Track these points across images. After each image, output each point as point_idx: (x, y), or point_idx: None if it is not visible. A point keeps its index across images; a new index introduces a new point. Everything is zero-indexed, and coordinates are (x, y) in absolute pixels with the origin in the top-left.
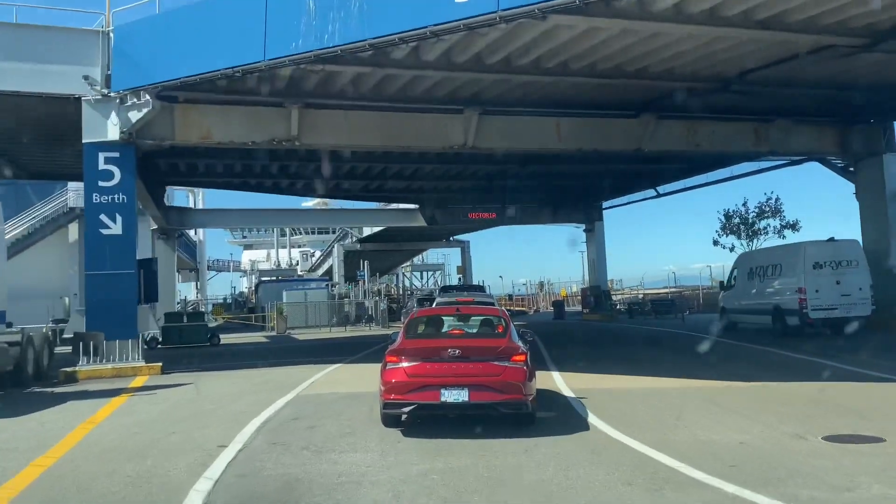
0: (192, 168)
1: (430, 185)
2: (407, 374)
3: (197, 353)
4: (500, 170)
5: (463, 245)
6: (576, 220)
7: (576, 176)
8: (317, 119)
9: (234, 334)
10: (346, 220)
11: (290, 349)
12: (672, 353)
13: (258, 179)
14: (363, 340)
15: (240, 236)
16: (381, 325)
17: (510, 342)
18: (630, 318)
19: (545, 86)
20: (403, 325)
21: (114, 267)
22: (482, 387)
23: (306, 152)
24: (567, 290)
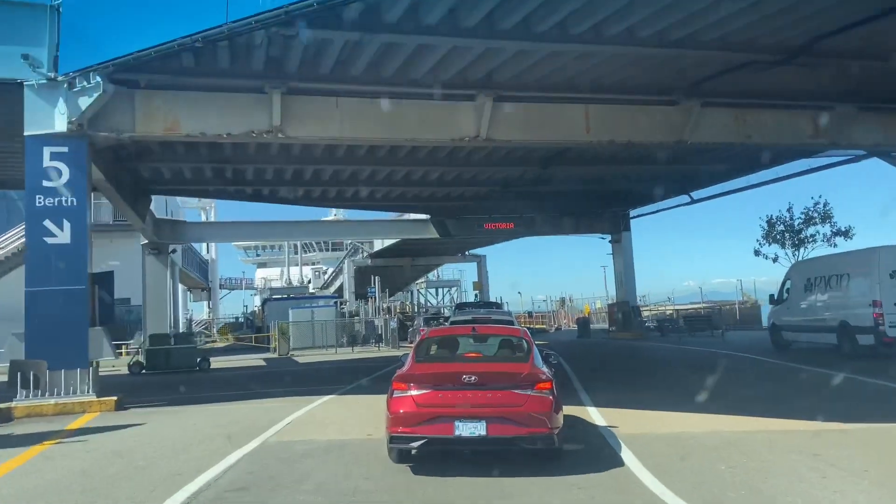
0: (178, 174)
1: (442, 193)
2: (416, 404)
3: (178, 380)
4: (517, 174)
5: (479, 259)
6: (600, 230)
7: (601, 180)
8: (303, 107)
9: (234, 356)
10: (352, 233)
11: (284, 375)
12: (726, 378)
13: (253, 187)
14: (368, 364)
15: (253, 255)
16: (390, 346)
17: (533, 367)
18: (661, 336)
19: (571, 63)
20: (413, 347)
21: (60, 282)
22: (502, 419)
23: (302, 154)
24: (590, 306)
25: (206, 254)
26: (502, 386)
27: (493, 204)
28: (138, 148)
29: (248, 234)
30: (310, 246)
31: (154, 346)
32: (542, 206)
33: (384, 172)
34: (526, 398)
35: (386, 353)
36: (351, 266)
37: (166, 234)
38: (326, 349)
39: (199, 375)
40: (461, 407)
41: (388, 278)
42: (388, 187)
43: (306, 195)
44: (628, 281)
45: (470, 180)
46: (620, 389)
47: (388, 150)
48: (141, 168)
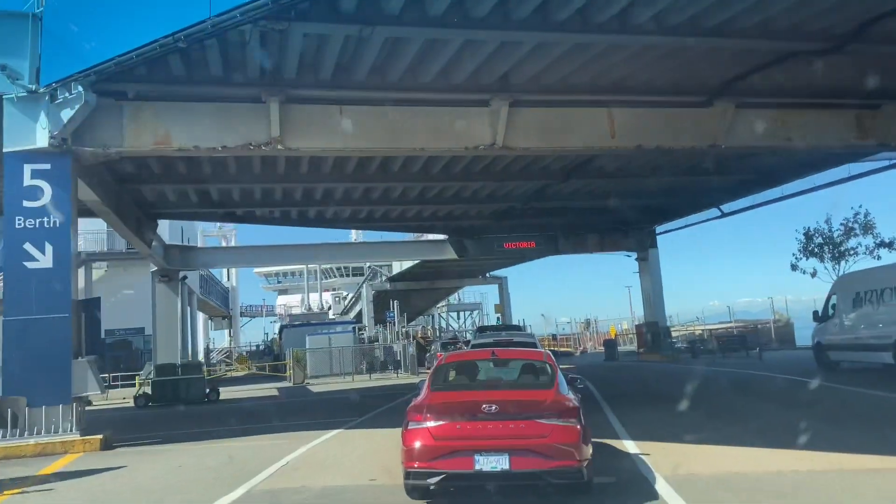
0: (183, 196)
1: (459, 211)
2: (433, 437)
3: (181, 413)
4: (537, 188)
5: (500, 281)
6: (626, 247)
7: (626, 194)
8: (303, 116)
9: (248, 385)
10: (367, 255)
11: (294, 406)
12: (774, 404)
13: (263, 209)
14: (385, 392)
15: (274, 282)
16: (409, 372)
17: (558, 394)
18: (693, 358)
19: (593, 60)
20: (429, 373)
21: (41, 310)
22: (526, 451)
23: (310, 171)
24: (616, 327)
25: (226, 281)
26: (525, 415)
27: (513, 223)
28: (137, 168)
29: (261, 259)
30: (330, 272)
31: (160, 377)
32: (564, 223)
33: (398, 190)
34: (551, 428)
35: (404, 379)
36: (369, 290)
37: (176, 260)
38: (344, 377)
39: (206, 408)
40: (481, 439)
41: (408, 303)
42: (403, 206)
43: (319, 216)
44: (657, 301)
45: (488, 197)
46: (656, 417)
47: (401, 165)
48: (144, 191)
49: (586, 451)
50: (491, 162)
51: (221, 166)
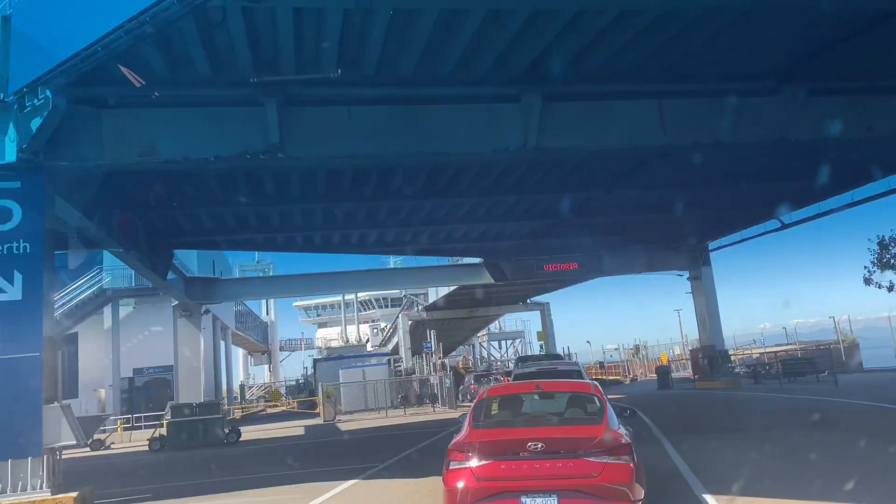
0: (197, 223)
1: (494, 231)
2: (476, 477)
3: (191, 459)
4: (578, 202)
5: (542, 307)
6: (677, 266)
7: (678, 205)
8: (306, 119)
9: (277, 423)
10: (397, 282)
11: (317, 448)
12: (880, 441)
13: (284, 234)
14: (418, 430)
15: (314, 314)
16: (447, 406)
17: (609, 429)
18: (756, 384)
19: (642, 35)
20: (471, 408)
21: (8, 348)
22: (576, 492)
23: (328, 190)
24: (667, 353)
25: (265, 316)
26: (574, 453)
27: (553, 242)
28: (142, 191)
29: (289, 289)
30: (369, 303)
31: (175, 419)
32: (609, 242)
33: (425, 209)
34: (602, 466)
35: (441, 414)
36: (405, 321)
37: (198, 293)
38: (379, 412)
39: (223, 451)
40: (527, 479)
41: (446, 332)
42: (432, 227)
43: (344, 241)
44: (713, 323)
45: (524, 213)
46: (733, 461)
47: (426, 179)
48: (153, 217)
49: (640, 491)
50: (525, 172)
51: (231, 187)
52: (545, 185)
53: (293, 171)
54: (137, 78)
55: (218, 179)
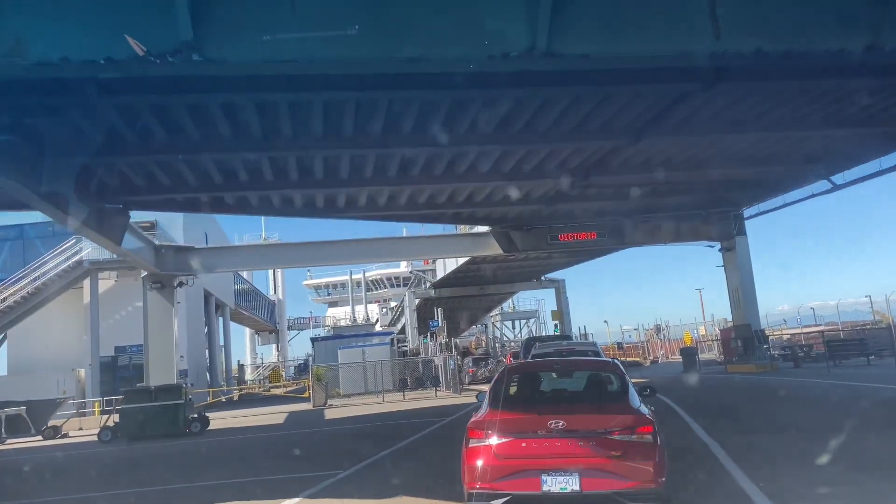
0: (151, 179)
1: (501, 193)
2: (496, 455)
3: (130, 454)
4: (599, 156)
5: (557, 285)
6: (707, 236)
7: (712, 160)
8: (231, 8)
9: (259, 409)
10: (391, 252)
11: (287, 443)
12: None
13: (256, 193)
14: (412, 418)
15: (324, 294)
16: (450, 390)
17: (631, 407)
18: (796, 368)
19: None
20: (490, 386)
21: None
22: (598, 471)
23: (296, 138)
24: (692, 333)
25: (272, 294)
26: (595, 432)
27: (569, 207)
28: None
29: (276, 259)
30: (380, 282)
31: (129, 405)
32: (631, 207)
33: (419, 161)
34: (625, 445)
35: (443, 399)
36: (412, 298)
37: (170, 263)
38: (378, 395)
39: (176, 444)
40: (549, 458)
41: (456, 311)
42: (429, 185)
43: (329, 204)
44: (748, 299)
45: (534, 170)
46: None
47: (416, 120)
48: (98, 171)
49: (663, 468)
50: (537, 112)
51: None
52: (560, 131)
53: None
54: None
55: (156, 114)
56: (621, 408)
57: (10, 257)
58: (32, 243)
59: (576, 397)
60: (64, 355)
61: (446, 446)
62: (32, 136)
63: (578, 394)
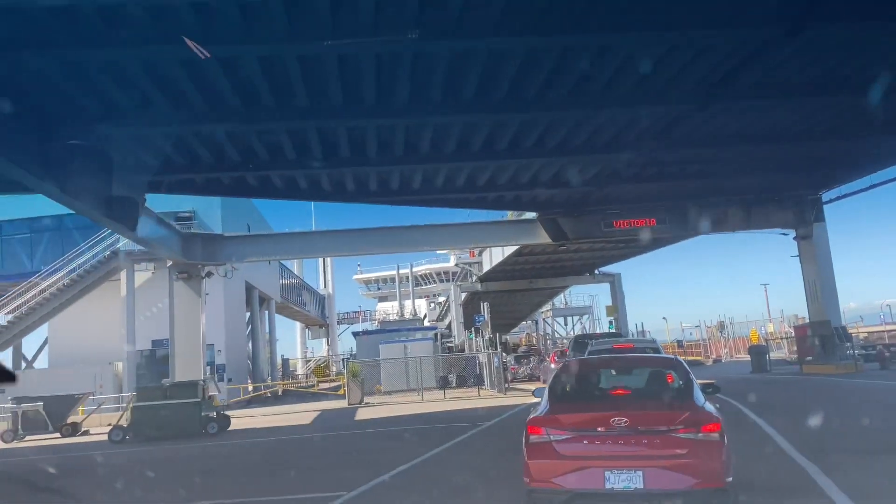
0: (164, 158)
1: (547, 173)
2: (558, 453)
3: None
4: (661, 125)
5: (612, 279)
6: (779, 223)
7: (790, 133)
8: None
9: (291, 406)
10: (433, 240)
11: (302, 450)
12: None
13: (280, 172)
14: (449, 421)
15: (374, 288)
16: (495, 389)
17: (696, 405)
18: (883, 370)
19: None
20: (548, 383)
21: None
22: (662, 470)
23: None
24: (758, 330)
25: (322, 289)
26: (659, 430)
27: (626, 189)
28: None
29: (310, 248)
30: (429, 277)
31: (141, 403)
32: (695, 189)
33: (452, 133)
34: (691, 444)
35: (486, 399)
36: (458, 293)
37: (196, 252)
38: (418, 394)
39: (188, 448)
40: (611, 455)
41: (504, 306)
42: (467, 163)
43: (360, 187)
44: (826, 292)
45: (585, 144)
46: None
47: (445, 84)
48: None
49: (729, 468)
50: (589, 71)
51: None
52: (614, 96)
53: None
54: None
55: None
56: (686, 405)
57: (50, 248)
58: (71, 234)
59: (638, 394)
60: (104, 348)
61: (475, 462)
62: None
63: (640, 391)
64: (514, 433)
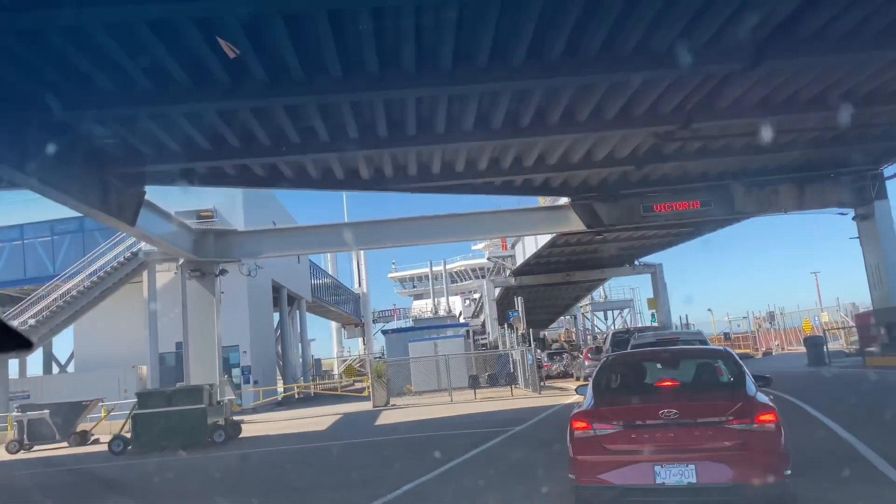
0: (159, 146)
1: (579, 152)
2: (605, 447)
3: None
4: (705, 87)
5: (653, 270)
6: (835, 201)
7: (852, 93)
8: None
9: (314, 408)
10: (458, 230)
11: (308, 462)
12: None
13: (284, 160)
14: (475, 426)
15: (410, 286)
16: (529, 388)
17: (749, 394)
18: None
19: None
20: (592, 377)
21: None
22: (716, 463)
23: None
24: (811, 320)
25: (357, 287)
26: (711, 421)
27: (664, 170)
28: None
29: (333, 240)
30: (464, 274)
31: (143, 410)
32: (740, 167)
33: (469, 107)
34: (745, 435)
35: (519, 400)
36: (491, 288)
37: (209, 248)
38: (451, 393)
39: (190, 459)
40: (661, 449)
41: (540, 301)
42: (488, 141)
43: (377, 172)
44: (892, 276)
45: (620, 115)
46: None
47: (455, 47)
48: (96, 139)
49: (788, 463)
50: (620, 18)
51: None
52: (651, 53)
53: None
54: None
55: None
56: (738, 395)
57: (72, 251)
58: (92, 235)
59: (686, 387)
60: (130, 352)
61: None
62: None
63: (688, 383)
64: (547, 441)
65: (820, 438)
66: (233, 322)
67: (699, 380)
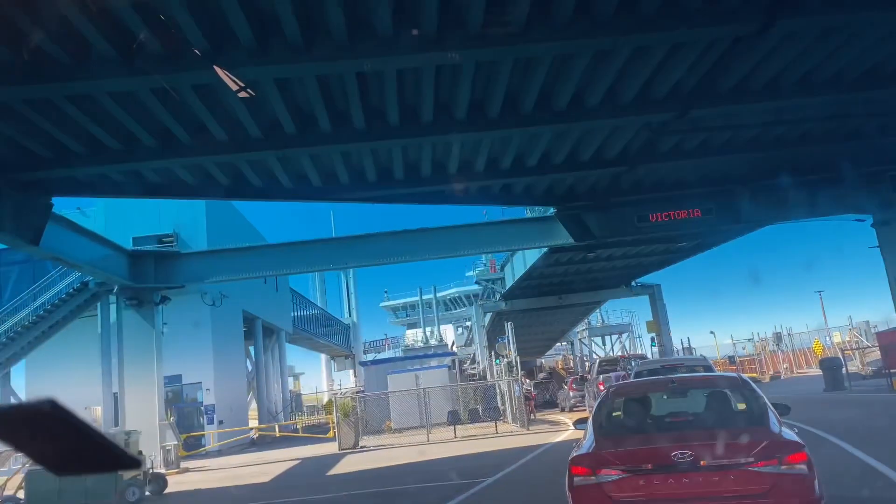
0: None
1: (562, 151)
2: (610, 497)
3: None
4: (704, 64)
5: (651, 290)
6: (851, 206)
7: (876, 72)
8: None
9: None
10: (431, 246)
11: None
12: None
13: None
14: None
15: (402, 315)
16: (517, 423)
17: (773, 431)
18: None
19: None
20: (592, 412)
21: None
22: None
23: None
24: (821, 341)
25: (346, 318)
26: (733, 463)
27: (659, 173)
28: None
29: (297, 261)
30: (458, 301)
31: (39, 467)
32: (746, 169)
33: (424, 91)
34: (773, 479)
35: (505, 437)
36: (480, 313)
37: (148, 274)
38: (428, 432)
39: None
40: (677, 497)
41: (533, 327)
42: (455, 134)
43: (329, 179)
44: None
45: (605, 104)
46: None
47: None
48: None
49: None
50: None
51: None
52: (638, 14)
53: None
54: None
55: None
56: (760, 431)
57: (21, 283)
58: (43, 265)
59: (699, 421)
60: (85, 391)
61: None
62: None
63: (700, 417)
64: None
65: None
66: (194, 357)
67: (712, 412)
